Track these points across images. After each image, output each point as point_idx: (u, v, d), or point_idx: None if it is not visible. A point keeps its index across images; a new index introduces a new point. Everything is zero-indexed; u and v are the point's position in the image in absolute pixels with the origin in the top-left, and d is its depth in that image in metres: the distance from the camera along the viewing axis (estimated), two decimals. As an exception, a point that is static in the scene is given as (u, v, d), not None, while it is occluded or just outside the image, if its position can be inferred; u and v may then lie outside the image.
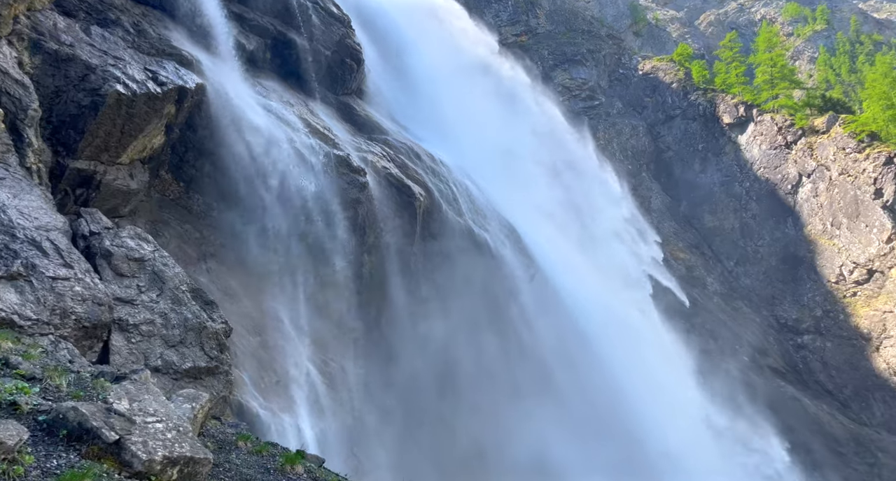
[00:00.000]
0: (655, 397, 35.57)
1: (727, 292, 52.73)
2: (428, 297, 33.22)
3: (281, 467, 9.88)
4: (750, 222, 54.93)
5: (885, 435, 42.21)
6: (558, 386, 33.53)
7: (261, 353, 19.99)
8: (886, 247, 44.73)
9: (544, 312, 36.54)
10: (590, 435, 31.82)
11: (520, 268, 38.16)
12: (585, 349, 35.62)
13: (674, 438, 33.49)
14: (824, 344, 47.29)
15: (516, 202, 43.55)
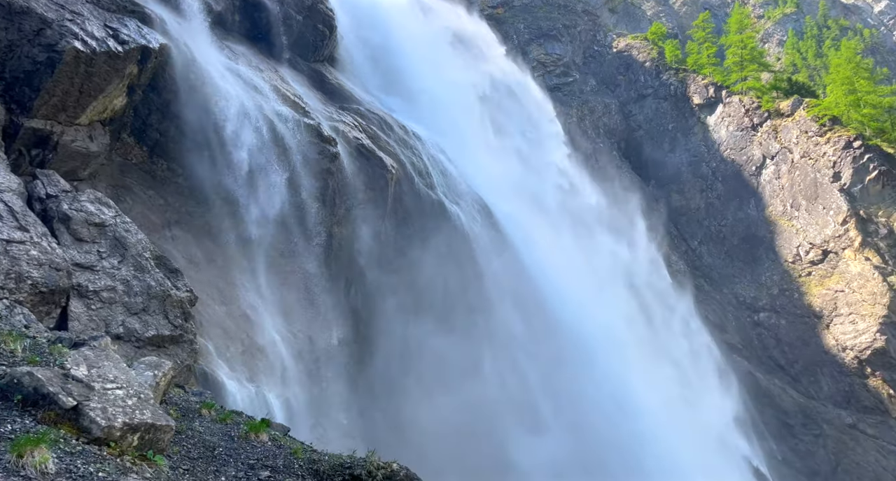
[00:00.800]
0: (623, 371, 36.51)
1: (690, 270, 54.08)
2: (398, 270, 33.20)
3: (245, 435, 9.85)
4: (715, 202, 56.14)
5: (831, 408, 44.37)
6: (524, 364, 34.12)
7: (227, 323, 19.75)
8: (841, 228, 46.37)
9: (513, 288, 36.94)
10: (554, 409, 32.59)
11: (490, 244, 38.37)
12: (553, 327, 36.20)
13: (637, 407, 34.57)
14: (779, 321, 48.98)
15: (487, 177, 43.56)
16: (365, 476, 10.96)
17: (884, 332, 42.43)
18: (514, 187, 45.31)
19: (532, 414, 31.87)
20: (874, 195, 45.97)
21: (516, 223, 40.92)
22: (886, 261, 44.08)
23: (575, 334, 35.30)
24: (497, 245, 38.46)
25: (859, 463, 42.11)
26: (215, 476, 7.98)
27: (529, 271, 37.99)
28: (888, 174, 46.05)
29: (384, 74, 43.04)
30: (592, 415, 32.98)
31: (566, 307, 36.23)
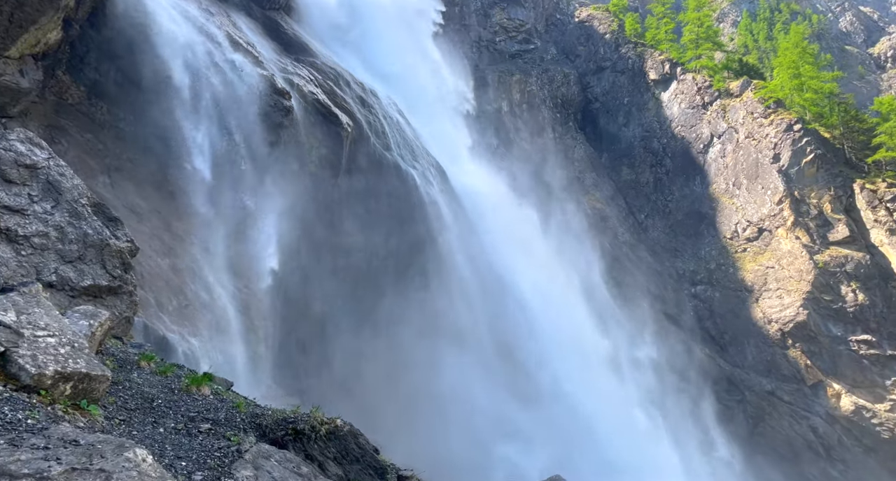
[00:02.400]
0: (564, 339, 37.74)
1: (635, 243, 55.80)
2: (351, 231, 32.89)
3: (186, 388, 9.71)
4: (663, 178, 57.72)
5: (753, 376, 47.38)
6: (476, 328, 34.79)
7: (170, 276, 19.16)
8: (777, 208, 48.70)
9: (467, 251, 37.31)
10: (499, 372, 33.52)
11: (445, 207, 38.44)
12: (503, 290, 36.91)
13: (575, 371, 35.99)
14: (714, 294, 51.36)
15: (443, 141, 43.27)
16: (308, 430, 11.04)
17: (806, 307, 45.31)
18: (469, 151, 45.28)
19: (488, 372, 32.74)
20: (808, 177, 48.34)
21: (471, 188, 41.06)
22: (814, 241, 46.75)
23: (518, 296, 36.15)
24: (452, 209, 38.59)
25: (774, 426, 45.39)
26: (153, 427, 7.87)
27: (482, 237, 38.42)
28: (823, 158, 48.40)
29: (344, 29, 41.61)
30: (534, 387, 34.20)
31: (513, 272, 36.97)
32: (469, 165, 44.39)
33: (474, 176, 43.38)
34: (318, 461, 10.69)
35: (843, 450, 41.95)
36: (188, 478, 6.42)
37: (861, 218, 46.31)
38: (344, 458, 11.58)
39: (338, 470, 11.09)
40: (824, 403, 43.91)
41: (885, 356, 42.86)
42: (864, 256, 45.02)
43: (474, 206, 39.78)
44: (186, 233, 21.58)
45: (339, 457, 11.46)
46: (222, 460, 7.32)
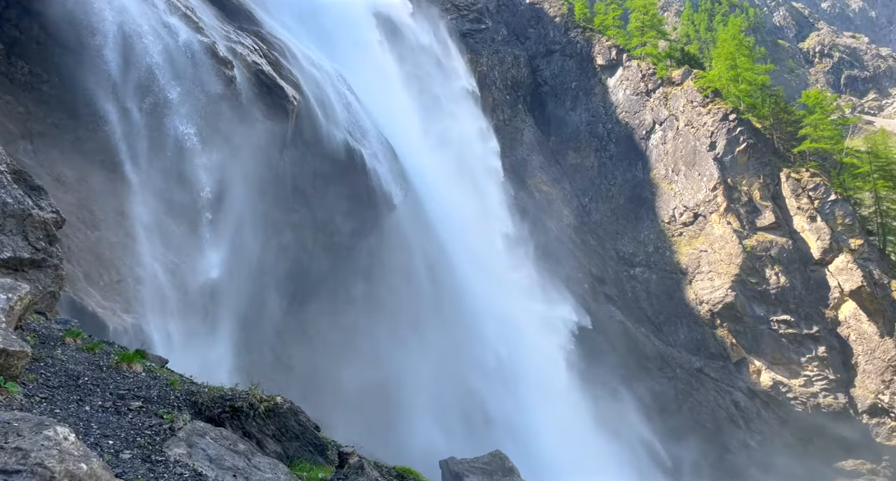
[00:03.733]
0: (509, 319, 38.47)
1: (579, 225, 57.20)
2: (296, 208, 32.17)
3: (116, 365, 9.32)
4: (607, 162, 59.19)
5: (684, 354, 49.88)
6: (422, 309, 34.93)
7: (100, 249, 18.18)
8: (711, 194, 50.97)
9: (415, 231, 37.22)
10: (445, 353, 33.90)
11: (393, 185, 38.11)
12: (451, 271, 37.12)
13: (520, 351, 36.86)
14: (651, 276, 53.46)
15: (393, 119, 42.71)
16: (246, 408, 10.85)
17: (734, 289, 47.90)
18: (418, 129, 44.92)
19: (428, 349, 32.98)
20: (741, 165, 50.75)
21: (420, 168, 40.84)
22: (744, 226, 49.29)
23: (465, 278, 36.52)
24: (402, 189, 38.32)
25: (700, 401, 48.06)
26: (78, 405, 7.54)
27: (430, 216, 38.40)
28: (754, 147, 50.87)
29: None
30: (477, 372, 34.79)
31: (461, 253, 37.26)
32: (419, 145, 44.10)
33: (425, 156, 43.17)
34: (257, 438, 10.56)
35: (760, 422, 44.98)
36: (115, 457, 6.20)
37: (786, 205, 49.13)
38: (283, 435, 11.49)
39: (276, 447, 10.99)
40: (746, 379, 46.81)
41: (802, 335, 46.00)
42: (788, 241, 47.89)
43: (424, 187, 39.66)
44: (119, 204, 20.47)
45: (278, 435, 11.35)
46: (153, 438, 7.10)
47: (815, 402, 44.28)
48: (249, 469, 8.74)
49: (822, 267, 46.91)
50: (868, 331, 44.10)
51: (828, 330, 45.58)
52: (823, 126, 50.80)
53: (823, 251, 46.81)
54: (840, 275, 45.80)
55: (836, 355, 44.91)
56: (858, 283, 44.70)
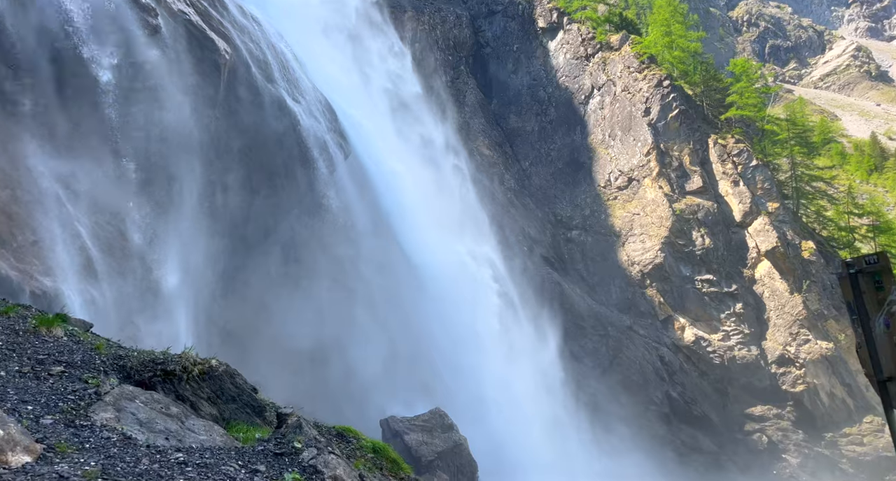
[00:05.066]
0: (449, 281, 38.98)
1: (519, 189, 58.03)
2: (231, 167, 31.01)
3: (34, 329, 8.92)
4: (547, 127, 59.88)
5: (616, 313, 52.28)
6: (363, 271, 34.81)
7: (13, 209, 16.95)
8: (645, 159, 52.74)
9: (358, 193, 36.74)
10: (385, 316, 34.12)
11: (334, 146, 37.30)
12: (392, 232, 37.03)
13: (458, 311, 37.55)
14: (586, 238, 55.19)
15: (333, 78, 41.45)
16: (179, 371, 10.67)
17: (663, 250, 50.29)
18: (358, 90, 43.84)
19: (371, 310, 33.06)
20: (673, 131, 52.61)
21: (360, 128, 40.05)
22: (674, 190, 51.48)
23: (406, 238, 36.63)
24: (342, 150, 37.54)
25: (630, 357, 50.78)
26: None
27: (371, 177, 37.95)
28: (685, 113, 52.74)
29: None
30: (423, 332, 35.24)
31: (403, 213, 37.19)
32: (360, 104, 43.08)
33: (366, 116, 42.28)
34: (191, 401, 10.44)
35: (682, 375, 48.18)
36: (35, 422, 6.00)
37: (713, 170, 51.56)
38: (219, 398, 11.40)
39: (212, 409, 10.91)
40: (671, 335, 49.75)
41: (722, 293, 49.12)
42: (713, 205, 50.49)
43: (365, 147, 38.99)
44: (34, 162, 19.03)
45: (213, 397, 11.25)
46: (77, 403, 6.91)
47: (731, 355, 47.78)
48: (183, 431, 8.68)
49: (742, 229, 49.90)
50: (780, 289, 47.62)
51: (745, 288, 48.88)
52: (748, 94, 53.19)
53: (744, 214, 49.72)
54: (758, 237, 48.92)
55: (751, 311, 48.35)
56: (773, 244, 47.92)
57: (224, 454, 7.07)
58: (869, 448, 43.59)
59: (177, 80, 27.54)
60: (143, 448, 6.48)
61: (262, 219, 31.11)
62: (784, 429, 45.68)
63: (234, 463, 6.82)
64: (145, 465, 5.94)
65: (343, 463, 8.39)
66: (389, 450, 14.00)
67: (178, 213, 25.67)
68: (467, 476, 25.76)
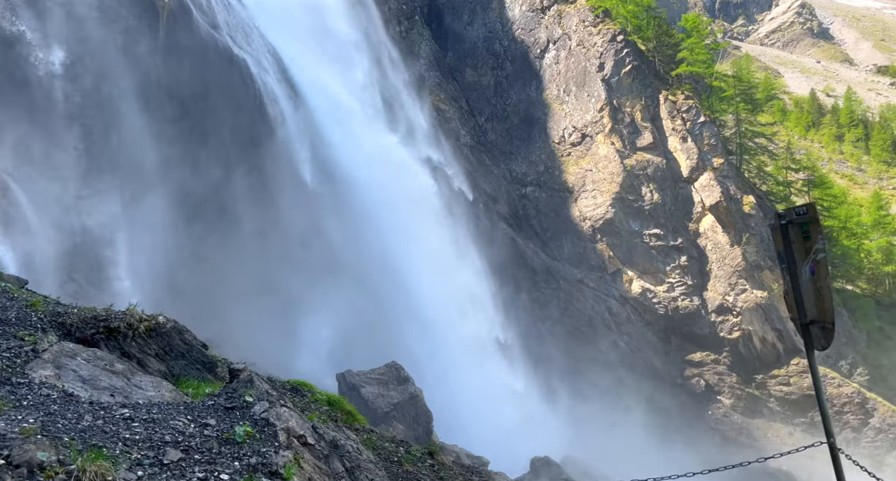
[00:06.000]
0: (404, 236, 38.90)
1: (475, 145, 57.77)
2: (175, 118, 29.57)
3: (-40, 286, 8.47)
4: (503, 81, 59.28)
5: (567, 267, 53.70)
6: (313, 226, 34.25)
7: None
8: (598, 115, 53.17)
9: (307, 148, 35.78)
10: (342, 273, 33.94)
11: (282, 98, 36.02)
12: (347, 186, 36.40)
13: (413, 264, 37.75)
14: (541, 195, 55.88)
15: (282, 27, 39.59)
16: (124, 328, 10.40)
17: (614, 206, 51.51)
18: (308, 41, 42.04)
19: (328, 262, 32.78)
20: (625, 87, 53.01)
21: (312, 81, 38.68)
22: (625, 146, 52.33)
23: (362, 193, 36.19)
24: (293, 102, 36.27)
25: (580, 308, 52.58)
26: (-84, 329, 6.85)
27: (323, 132, 36.96)
28: (638, 69, 53.10)
29: None
30: (378, 286, 35.20)
31: (357, 169, 36.61)
32: (311, 54, 41.40)
33: (316, 66, 40.74)
34: (137, 358, 10.25)
35: (629, 325, 50.36)
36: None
37: (663, 126, 52.53)
38: (167, 354, 11.23)
39: (160, 366, 10.76)
40: (620, 287, 51.63)
41: (668, 246, 51.00)
42: (662, 161, 51.70)
43: (317, 100, 37.75)
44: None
45: (161, 354, 11.07)
46: (13, 360, 6.67)
47: (675, 305, 50.11)
48: (129, 388, 8.54)
49: (689, 184, 51.46)
50: (722, 241, 49.79)
51: (690, 241, 50.86)
52: (698, 50, 53.85)
53: (691, 169, 51.18)
54: (703, 192, 50.62)
55: (694, 263, 50.53)
56: (717, 199, 49.75)
57: (172, 409, 7.02)
58: (795, 387, 47.12)
59: (111, 23, 25.73)
60: (86, 404, 6.36)
61: (210, 175, 30.04)
62: (720, 373, 48.74)
63: (184, 417, 6.78)
64: (88, 421, 5.83)
65: (296, 415, 8.46)
66: (344, 403, 14.22)
67: (117, 165, 24.44)
68: (422, 425, 26.56)
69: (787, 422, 46.52)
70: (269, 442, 7.01)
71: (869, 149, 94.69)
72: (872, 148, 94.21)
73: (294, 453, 7.14)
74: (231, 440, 6.56)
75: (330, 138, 36.70)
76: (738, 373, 48.33)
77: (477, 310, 43.43)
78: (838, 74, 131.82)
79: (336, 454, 8.52)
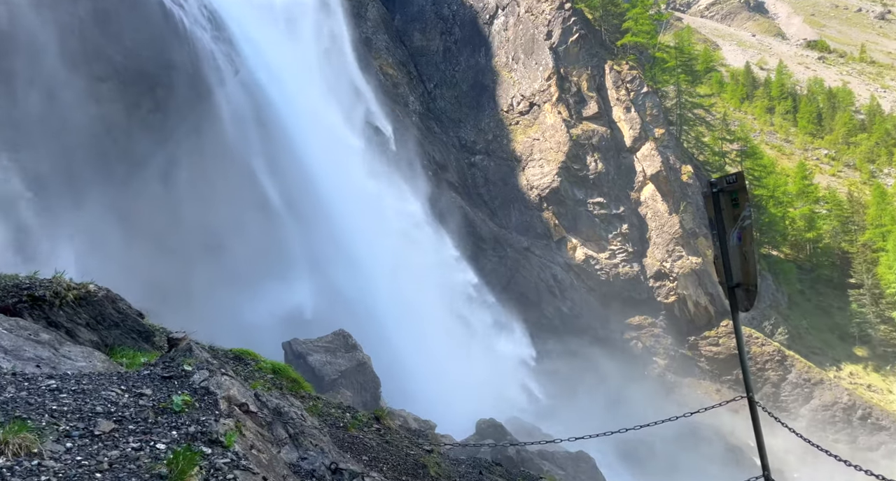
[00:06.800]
0: (347, 196, 38.36)
1: (424, 112, 57.06)
2: (104, 76, 27.74)
3: None
4: (452, 47, 58.43)
5: (515, 236, 54.54)
6: (257, 190, 33.30)
7: None
8: (546, 84, 53.39)
9: (249, 109, 34.44)
10: (283, 225, 33.26)
11: (221, 57, 34.35)
12: (290, 146, 35.42)
13: (357, 230, 37.43)
14: (489, 163, 56.11)
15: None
16: (50, 296, 9.90)
17: (560, 175, 52.35)
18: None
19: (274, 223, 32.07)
20: (573, 55, 53.31)
21: (253, 41, 36.99)
22: (572, 116, 52.95)
23: (303, 153, 35.38)
24: (231, 61, 34.65)
25: (526, 276, 53.74)
26: None
27: (266, 94, 35.61)
28: (585, 38, 53.41)
29: None
30: (324, 254, 34.73)
31: (299, 131, 35.62)
32: (252, 12, 39.44)
33: (258, 25, 38.91)
34: (66, 327, 9.81)
35: (573, 291, 51.94)
36: None
37: (608, 96, 53.36)
38: (100, 324, 10.79)
39: (92, 335, 10.34)
40: (564, 255, 52.96)
41: (611, 215, 52.50)
42: (606, 130, 52.69)
43: (258, 58, 36.19)
44: None
45: (93, 323, 10.64)
46: (-76, 332, 6.22)
47: (616, 272, 51.95)
48: (57, 358, 8.18)
49: (631, 154, 52.79)
50: (661, 210, 51.64)
51: (631, 209, 52.49)
52: (643, 20, 54.54)
53: (634, 139, 52.45)
54: (644, 161, 52.08)
55: (635, 231, 52.30)
56: (658, 168, 51.34)
57: (105, 379, 6.77)
58: (723, 348, 50.15)
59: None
60: (9, 376, 6.05)
61: (144, 136, 28.54)
62: (656, 336, 51.22)
63: (117, 387, 6.55)
64: (11, 393, 5.56)
65: (237, 383, 8.33)
66: (290, 370, 14.11)
67: (46, 122, 22.86)
68: (370, 391, 26.78)
69: (715, 380, 49.60)
70: (210, 411, 6.90)
71: (797, 121, 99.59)
72: (800, 120, 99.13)
73: (235, 421, 7.05)
74: (168, 410, 6.41)
75: (272, 99, 35.44)
76: (672, 336, 50.90)
77: (424, 275, 43.64)
78: (771, 48, 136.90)
79: (280, 421, 8.48)
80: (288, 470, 7.05)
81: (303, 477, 7.39)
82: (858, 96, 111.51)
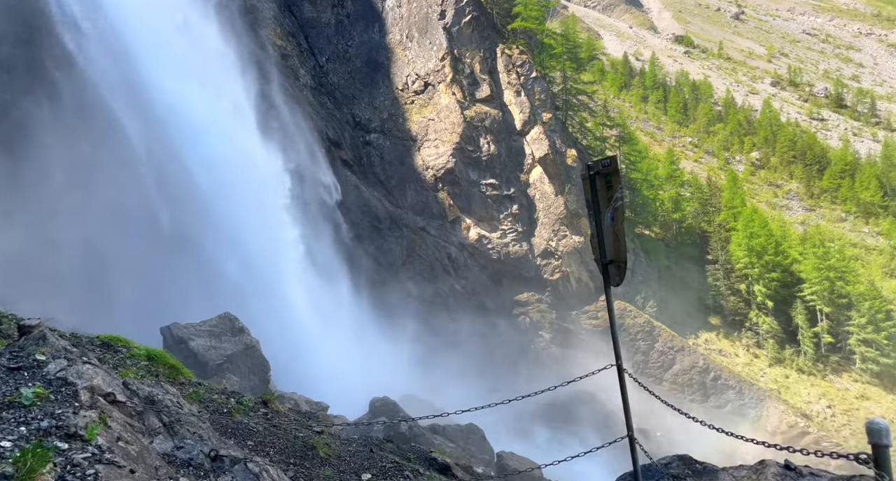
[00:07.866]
0: (237, 172, 36.41)
1: (316, 87, 55.09)
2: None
3: None
4: (344, 20, 56.68)
5: (411, 215, 54.72)
6: (120, 154, 30.56)
7: None
8: (440, 64, 53.55)
9: (110, 68, 31.28)
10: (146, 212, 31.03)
11: (90, 26, 30.97)
12: (171, 120, 32.81)
13: (248, 212, 35.69)
14: (385, 142, 55.52)
15: None
16: None
17: (454, 156, 53.05)
18: None
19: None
20: (466, 37, 53.88)
21: (129, 8, 33.59)
22: (465, 97, 53.67)
23: (185, 126, 33.02)
24: (98, 30, 31.34)
25: (421, 255, 54.29)
26: None
27: (129, 52, 32.53)
28: (478, 20, 54.11)
29: None
30: (205, 241, 32.76)
31: (182, 103, 33.06)
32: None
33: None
34: None
35: (466, 270, 53.30)
36: None
37: (499, 79, 54.63)
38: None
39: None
40: (459, 235, 54.06)
41: (503, 196, 54.22)
42: (498, 113, 54.05)
43: (132, 31, 32.83)
44: None
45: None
46: None
47: (507, 250, 53.96)
48: None
49: (521, 137, 54.66)
50: (548, 191, 54.16)
51: (521, 191, 54.53)
52: (532, 6, 56.21)
53: (523, 123, 54.29)
54: (533, 144, 54.18)
55: (524, 212, 54.48)
56: (545, 151, 53.64)
57: (-65, 374, 5.95)
58: (601, 321, 54.03)
59: None
60: None
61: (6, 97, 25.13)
62: (542, 311, 54.06)
63: (-51, 383, 5.80)
64: None
65: (102, 372, 7.69)
66: (167, 356, 13.27)
67: None
68: (259, 376, 25.87)
69: (593, 351, 53.39)
70: (68, 403, 6.34)
71: (667, 110, 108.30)
72: (669, 109, 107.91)
73: (99, 412, 6.53)
74: (16, 404, 5.80)
75: (140, 63, 32.42)
76: (557, 310, 53.98)
77: (319, 260, 42.72)
78: (646, 40, 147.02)
79: (153, 410, 7.94)
80: (161, 461, 6.65)
81: (178, 467, 7.02)
82: (717, 89, 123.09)
